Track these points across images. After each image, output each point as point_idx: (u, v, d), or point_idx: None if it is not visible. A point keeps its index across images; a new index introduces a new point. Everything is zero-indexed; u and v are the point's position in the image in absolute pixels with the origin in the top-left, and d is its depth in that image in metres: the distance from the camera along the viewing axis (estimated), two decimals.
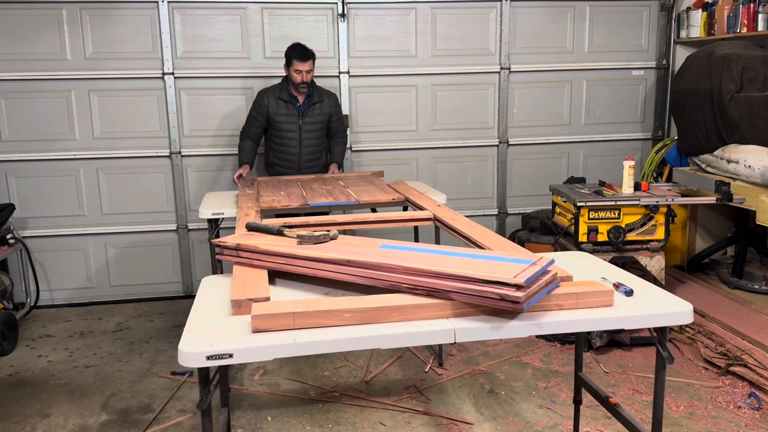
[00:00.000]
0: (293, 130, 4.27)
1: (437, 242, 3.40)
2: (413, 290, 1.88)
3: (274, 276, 2.18)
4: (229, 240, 2.30)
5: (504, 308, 1.77)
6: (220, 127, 4.87)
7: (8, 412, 3.34)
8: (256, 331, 1.77)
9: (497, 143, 5.21)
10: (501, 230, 5.34)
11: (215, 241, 2.33)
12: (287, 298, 1.99)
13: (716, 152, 4.10)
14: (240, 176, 4.19)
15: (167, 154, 4.85)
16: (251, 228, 2.48)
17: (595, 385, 2.55)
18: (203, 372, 1.81)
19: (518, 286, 1.73)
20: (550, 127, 5.29)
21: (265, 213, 3.12)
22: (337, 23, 4.85)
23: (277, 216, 3.07)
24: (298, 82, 4.14)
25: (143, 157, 4.83)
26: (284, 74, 4.27)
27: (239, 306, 1.88)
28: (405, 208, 3.52)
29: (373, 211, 3.64)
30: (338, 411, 3.30)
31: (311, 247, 2.19)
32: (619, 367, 3.73)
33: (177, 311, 4.77)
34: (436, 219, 2.91)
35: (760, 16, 4.24)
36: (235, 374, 3.68)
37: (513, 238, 4.86)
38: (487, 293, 1.75)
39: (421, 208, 3.06)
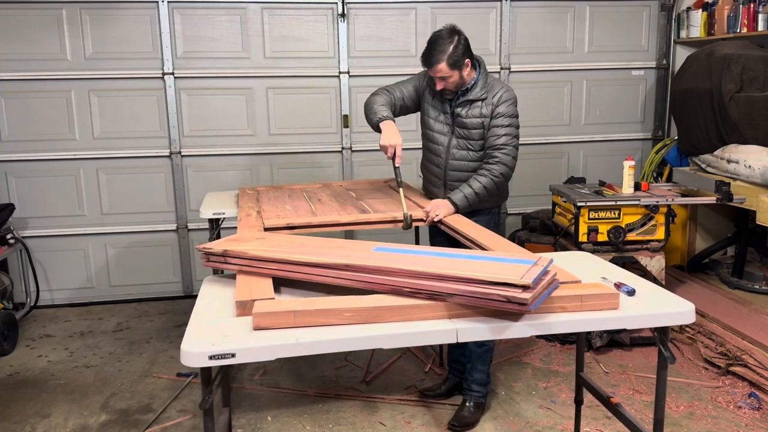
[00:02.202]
0: (443, 132, 3.15)
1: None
2: (415, 294, 1.87)
3: (279, 280, 2.15)
4: (215, 246, 2.21)
5: (510, 310, 1.76)
6: (220, 127, 4.87)
7: (8, 412, 3.34)
8: (257, 328, 1.77)
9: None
10: (501, 230, 5.34)
11: (199, 247, 2.24)
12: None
13: (716, 152, 4.10)
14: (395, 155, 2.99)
15: (167, 154, 4.84)
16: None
17: (596, 385, 2.55)
18: (205, 372, 1.81)
19: (525, 288, 1.72)
20: (550, 127, 5.29)
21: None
22: (337, 23, 4.84)
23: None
24: (437, 90, 3.06)
25: (143, 157, 4.82)
26: None
27: (244, 307, 1.87)
28: None
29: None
30: (338, 411, 3.30)
31: (307, 251, 2.12)
32: (620, 367, 3.73)
33: (177, 311, 4.76)
34: (438, 220, 2.91)
35: (760, 16, 4.24)
36: (235, 374, 3.68)
37: (513, 238, 4.86)
38: (493, 295, 1.74)
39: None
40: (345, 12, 4.82)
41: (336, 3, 4.81)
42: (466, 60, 2.92)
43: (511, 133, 3.02)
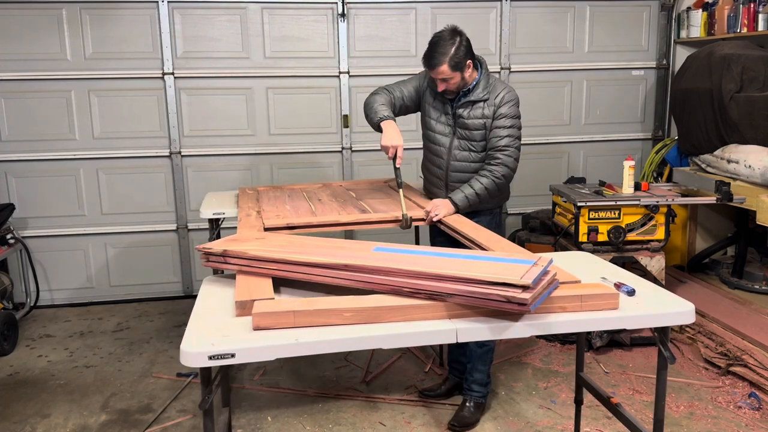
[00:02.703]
0: (445, 133, 3.12)
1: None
2: (414, 294, 1.86)
3: (279, 280, 2.16)
4: (214, 246, 2.21)
5: (510, 310, 1.76)
6: (220, 127, 4.87)
7: (8, 412, 3.34)
8: (256, 328, 1.77)
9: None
10: (502, 231, 5.34)
11: (199, 247, 2.24)
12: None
13: (716, 152, 4.10)
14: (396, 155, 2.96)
15: (167, 154, 4.84)
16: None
17: (596, 385, 2.55)
18: (205, 372, 1.81)
19: (525, 288, 1.72)
20: (550, 127, 5.29)
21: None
22: (337, 23, 4.85)
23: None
24: (439, 91, 3.03)
25: (143, 157, 4.82)
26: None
27: (244, 307, 1.87)
28: None
29: None
30: (338, 411, 3.30)
31: (307, 251, 2.13)
32: (620, 367, 3.73)
33: (177, 311, 4.76)
34: (438, 219, 2.91)
35: (760, 16, 4.24)
36: (235, 374, 3.68)
37: (513, 238, 4.86)
38: (492, 296, 1.74)
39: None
40: (345, 12, 4.82)
41: (336, 3, 4.81)
42: (468, 61, 2.92)
43: (513, 135, 3.01)
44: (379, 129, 3.00)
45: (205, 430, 1.83)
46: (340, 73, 4.91)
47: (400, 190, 2.99)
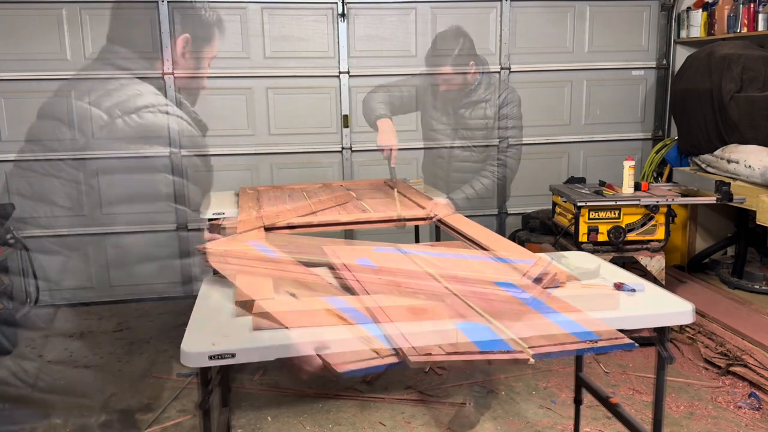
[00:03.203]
0: (446, 133, 3.17)
1: (438, 239, 3.40)
2: (415, 294, 1.87)
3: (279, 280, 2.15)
4: (214, 246, 2.23)
5: (509, 310, 1.76)
6: (220, 127, 4.86)
7: None
8: (256, 328, 1.76)
9: (498, 143, 5.20)
10: (501, 230, 5.33)
11: (199, 247, 2.26)
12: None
13: (716, 152, 4.10)
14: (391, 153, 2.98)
15: (167, 154, 4.83)
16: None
17: (596, 385, 2.55)
18: (204, 372, 1.81)
19: (524, 288, 1.72)
20: (550, 127, 5.29)
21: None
22: (337, 23, 4.84)
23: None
24: (441, 91, 3.09)
25: (143, 157, 4.81)
26: None
27: (244, 307, 1.87)
28: None
29: None
30: (338, 411, 3.30)
31: (307, 251, 2.13)
32: (619, 367, 3.73)
33: (177, 311, 4.76)
34: (438, 219, 2.91)
35: (760, 16, 4.24)
36: (234, 374, 3.68)
37: (513, 238, 4.86)
38: (492, 296, 1.74)
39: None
40: (345, 12, 4.82)
41: (336, 3, 4.81)
42: (471, 62, 2.92)
43: (514, 135, 3.02)
44: (376, 126, 3.01)
45: (204, 430, 1.83)
46: (340, 73, 4.91)
47: (395, 189, 2.99)
